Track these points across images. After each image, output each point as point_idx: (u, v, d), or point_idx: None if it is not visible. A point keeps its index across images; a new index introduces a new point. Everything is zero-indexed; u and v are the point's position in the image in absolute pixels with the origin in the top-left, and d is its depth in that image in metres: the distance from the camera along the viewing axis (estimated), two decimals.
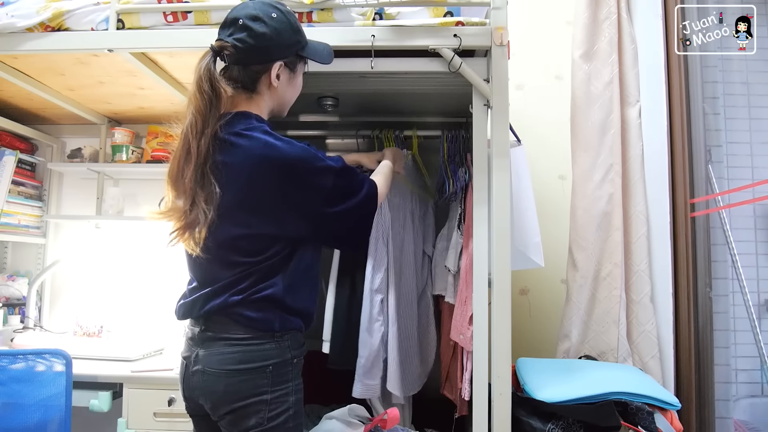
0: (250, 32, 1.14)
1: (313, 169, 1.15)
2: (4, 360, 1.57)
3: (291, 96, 1.29)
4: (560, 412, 1.42)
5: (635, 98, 1.84)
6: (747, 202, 1.91)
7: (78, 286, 2.44)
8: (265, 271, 1.13)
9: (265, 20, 1.15)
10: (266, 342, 1.13)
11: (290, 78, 1.25)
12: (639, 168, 1.81)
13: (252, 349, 1.11)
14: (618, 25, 1.86)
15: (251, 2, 1.19)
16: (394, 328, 1.68)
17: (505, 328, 1.41)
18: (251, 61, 1.17)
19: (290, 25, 1.19)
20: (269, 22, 1.15)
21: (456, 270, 1.71)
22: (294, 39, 1.21)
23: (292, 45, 1.21)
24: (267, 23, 1.15)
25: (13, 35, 1.59)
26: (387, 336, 1.68)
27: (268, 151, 1.11)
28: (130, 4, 1.56)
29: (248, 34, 1.14)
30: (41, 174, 2.52)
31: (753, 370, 2.00)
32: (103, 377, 1.74)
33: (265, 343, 1.12)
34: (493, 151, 1.45)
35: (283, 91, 1.24)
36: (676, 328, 1.67)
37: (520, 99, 2.37)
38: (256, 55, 1.16)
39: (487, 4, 1.49)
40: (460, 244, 1.69)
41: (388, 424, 1.38)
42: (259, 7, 1.16)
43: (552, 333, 2.01)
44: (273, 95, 1.23)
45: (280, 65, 1.19)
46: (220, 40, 1.17)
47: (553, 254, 2.07)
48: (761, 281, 2.06)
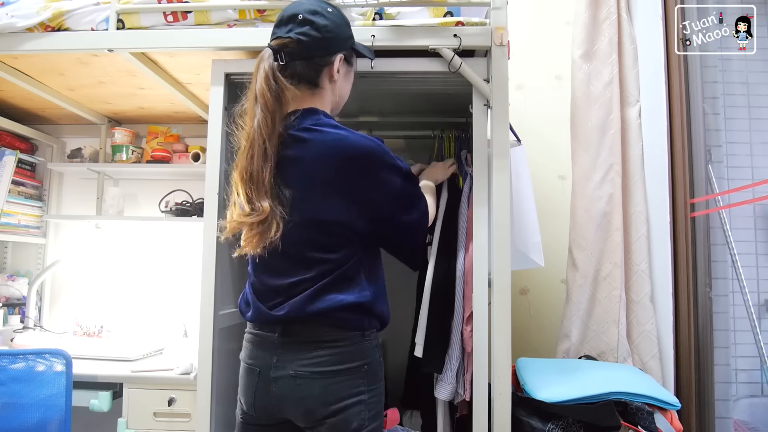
0: (313, 25, 1.15)
1: (385, 164, 1.16)
2: (4, 360, 1.57)
3: (347, 90, 1.30)
4: (560, 412, 1.42)
5: (635, 98, 1.84)
6: (747, 202, 1.91)
7: (78, 286, 2.44)
8: (345, 271, 1.12)
9: (324, 14, 1.17)
10: (358, 342, 1.12)
11: (347, 71, 1.27)
12: (639, 168, 1.81)
13: (346, 350, 1.10)
14: (618, 25, 1.86)
15: (304, 0, 1.20)
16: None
17: (505, 328, 1.41)
18: (315, 54, 1.17)
19: (344, 19, 1.23)
20: (328, 16, 1.17)
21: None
22: (349, 32, 1.24)
23: (348, 38, 1.24)
24: (326, 17, 1.17)
25: (13, 35, 1.59)
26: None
27: (341, 142, 1.12)
28: (130, 4, 1.56)
29: (311, 27, 1.15)
30: (41, 174, 2.52)
31: (753, 370, 2.00)
32: (103, 377, 1.74)
33: (357, 343, 1.12)
34: (493, 151, 1.45)
35: (341, 85, 1.26)
36: (676, 328, 1.67)
37: (520, 99, 2.37)
38: (320, 47, 1.17)
39: (487, 4, 1.49)
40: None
41: (388, 424, 1.38)
42: (315, 3, 1.18)
43: (552, 333, 2.01)
44: (334, 89, 1.24)
45: (341, 57, 1.21)
46: (279, 38, 1.16)
47: (553, 254, 2.07)
48: (761, 281, 2.06)
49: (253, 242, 1.09)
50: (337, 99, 1.27)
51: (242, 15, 1.53)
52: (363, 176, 1.13)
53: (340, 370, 1.09)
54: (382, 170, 1.16)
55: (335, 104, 1.28)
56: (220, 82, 1.56)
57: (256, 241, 1.09)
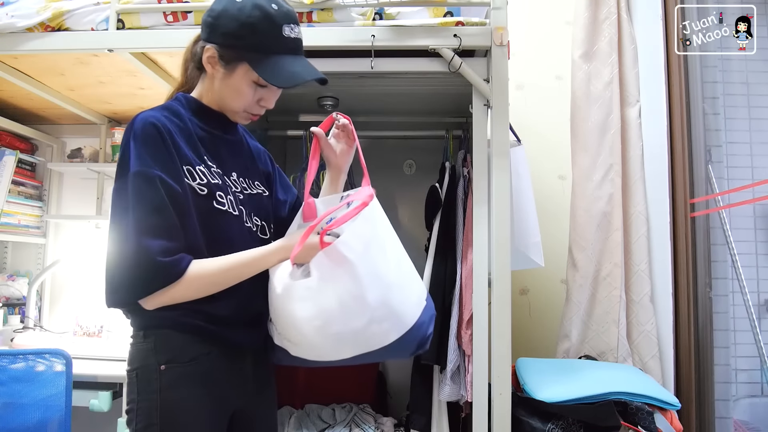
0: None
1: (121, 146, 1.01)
2: (4, 360, 1.57)
3: (228, 96, 1.07)
4: (560, 412, 1.42)
5: (635, 98, 1.84)
6: (747, 202, 1.91)
7: (78, 286, 2.44)
8: None
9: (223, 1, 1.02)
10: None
11: (225, 75, 1.04)
12: (639, 168, 1.81)
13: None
14: (618, 25, 1.86)
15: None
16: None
17: (505, 328, 1.41)
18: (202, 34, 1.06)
19: (238, 14, 0.98)
20: (223, 3, 1.01)
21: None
22: (232, 29, 0.99)
23: (227, 34, 1.00)
24: (221, 3, 1.02)
25: (13, 35, 1.59)
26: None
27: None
28: (130, 4, 1.56)
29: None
30: (41, 174, 2.51)
31: (753, 370, 2.00)
32: (103, 377, 1.74)
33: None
34: (493, 151, 1.45)
35: (219, 84, 1.07)
36: (676, 328, 1.67)
37: (520, 99, 2.37)
38: (203, 28, 1.05)
39: (487, 4, 1.49)
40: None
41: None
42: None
43: (552, 333, 2.01)
44: (212, 83, 1.07)
45: (212, 50, 1.02)
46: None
47: (553, 254, 2.07)
48: (761, 281, 2.06)
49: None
50: (215, 98, 1.07)
51: None
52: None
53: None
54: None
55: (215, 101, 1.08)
56: None
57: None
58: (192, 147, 1.00)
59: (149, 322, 0.99)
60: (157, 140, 0.94)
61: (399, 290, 0.99)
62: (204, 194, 0.98)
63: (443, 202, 1.77)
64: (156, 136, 0.94)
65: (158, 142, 0.94)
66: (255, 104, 1.06)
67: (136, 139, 0.94)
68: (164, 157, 0.94)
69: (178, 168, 0.95)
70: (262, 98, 1.05)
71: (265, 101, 1.06)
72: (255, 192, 1.12)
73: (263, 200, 1.14)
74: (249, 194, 1.09)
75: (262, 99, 1.06)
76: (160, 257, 0.89)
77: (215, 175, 1.02)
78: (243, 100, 1.04)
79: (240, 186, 1.08)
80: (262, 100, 1.06)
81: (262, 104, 1.07)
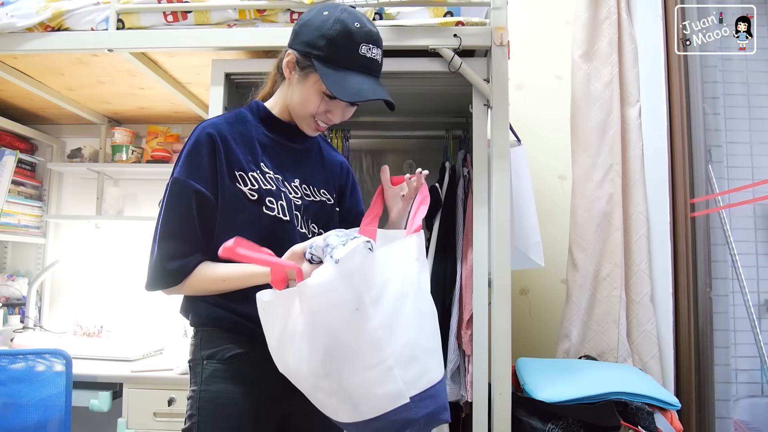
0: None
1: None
2: (4, 360, 1.57)
3: (298, 101, 1.11)
4: (560, 412, 1.42)
5: (635, 98, 1.84)
6: (747, 202, 1.91)
7: (78, 286, 2.44)
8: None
9: (310, 11, 1.08)
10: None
11: (300, 79, 1.08)
12: (639, 168, 1.81)
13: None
14: (618, 25, 1.86)
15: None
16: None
17: (505, 328, 1.41)
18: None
19: (320, 25, 1.03)
20: (309, 12, 1.07)
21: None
22: (312, 38, 1.03)
23: (308, 42, 1.04)
24: (308, 13, 1.08)
25: (13, 35, 1.59)
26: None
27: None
28: (130, 4, 1.56)
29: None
30: (41, 174, 2.52)
31: (753, 370, 2.00)
32: (103, 377, 1.74)
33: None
34: (493, 151, 1.45)
35: (293, 89, 1.11)
36: (676, 328, 1.67)
37: (520, 99, 2.37)
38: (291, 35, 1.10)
39: (487, 4, 1.49)
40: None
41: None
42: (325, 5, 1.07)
43: (552, 333, 2.01)
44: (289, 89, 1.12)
45: (293, 55, 1.06)
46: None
47: (553, 254, 2.07)
48: (761, 281, 2.06)
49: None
50: (288, 103, 1.11)
51: (242, 15, 1.53)
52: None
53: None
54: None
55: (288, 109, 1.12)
56: (220, 82, 1.56)
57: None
58: (250, 152, 1.07)
59: (198, 321, 1.06)
60: (207, 150, 1.01)
61: (359, 371, 0.83)
62: (254, 199, 1.03)
63: (443, 202, 1.77)
64: (207, 146, 1.01)
65: (207, 152, 1.01)
66: (322, 114, 1.09)
67: (189, 146, 1.03)
68: (207, 168, 1.01)
69: (224, 176, 1.01)
70: (329, 110, 1.09)
71: (332, 114, 1.09)
72: (318, 199, 1.14)
73: (326, 208, 1.16)
74: (310, 201, 1.12)
75: (330, 111, 1.09)
76: (167, 263, 0.99)
77: (269, 181, 1.06)
78: (310, 108, 1.07)
79: (301, 192, 1.12)
80: (329, 113, 1.09)
81: (329, 116, 1.10)
